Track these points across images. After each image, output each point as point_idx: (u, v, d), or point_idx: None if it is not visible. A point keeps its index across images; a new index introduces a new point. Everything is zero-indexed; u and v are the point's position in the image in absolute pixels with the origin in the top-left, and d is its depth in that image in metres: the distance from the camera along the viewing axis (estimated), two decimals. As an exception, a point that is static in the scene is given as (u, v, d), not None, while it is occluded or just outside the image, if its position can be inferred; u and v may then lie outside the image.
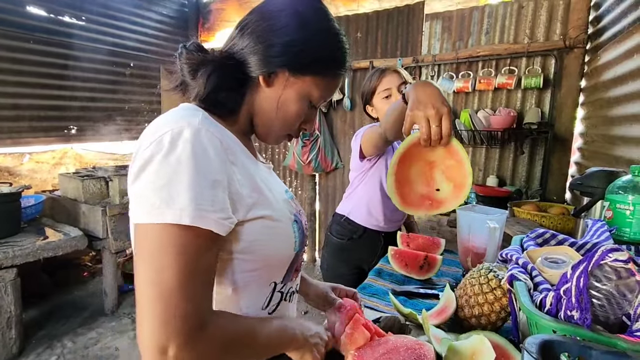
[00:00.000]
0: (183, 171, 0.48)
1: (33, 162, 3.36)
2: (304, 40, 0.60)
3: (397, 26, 3.22)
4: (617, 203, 0.93)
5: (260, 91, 0.63)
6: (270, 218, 0.59)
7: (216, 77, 0.59)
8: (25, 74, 3.17)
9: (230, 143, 0.57)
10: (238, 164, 0.56)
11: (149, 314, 0.45)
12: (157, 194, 0.47)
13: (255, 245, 0.58)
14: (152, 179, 0.48)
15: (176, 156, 0.48)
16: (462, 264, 1.28)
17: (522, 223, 1.61)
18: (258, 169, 0.64)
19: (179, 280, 0.46)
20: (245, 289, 0.60)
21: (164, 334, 0.45)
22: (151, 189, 0.48)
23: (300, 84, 0.62)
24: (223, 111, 0.62)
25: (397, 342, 0.69)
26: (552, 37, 2.58)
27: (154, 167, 0.49)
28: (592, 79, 2.23)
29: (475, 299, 0.85)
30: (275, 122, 0.65)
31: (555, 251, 0.81)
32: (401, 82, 1.38)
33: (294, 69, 0.61)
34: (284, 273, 0.65)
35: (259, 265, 0.60)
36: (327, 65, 0.63)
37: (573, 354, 0.50)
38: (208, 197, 0.49)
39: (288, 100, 0.62)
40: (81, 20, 3.52)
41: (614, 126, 1.76)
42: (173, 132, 0.50)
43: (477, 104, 2.91)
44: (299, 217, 0.68)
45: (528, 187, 2.72)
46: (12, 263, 2.03)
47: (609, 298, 0.56)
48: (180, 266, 0.46)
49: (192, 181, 0.48)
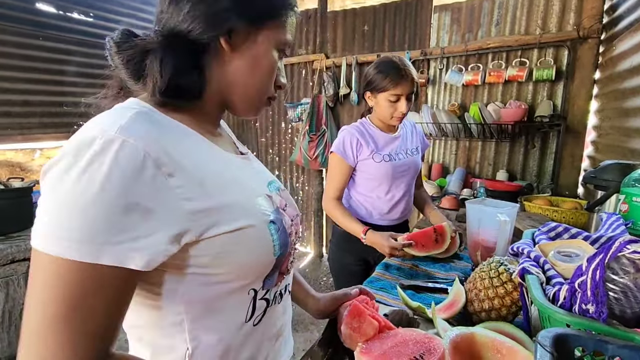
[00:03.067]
0: (79, 194, 0.38)
1: (44, 158, 3.41)
2: None
3: (405, 18, 3.18)
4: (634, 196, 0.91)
5: (225, 59, 0.54)
6: (234, 230, 0.49)
7: (169, 61, 0.48)
8: (35, 70, 3.21)
9: (169, 146, 0.45)
10: (178, 173, 0.44)
11: (21, 351, 0.38)
12: (48, 214, 0.39)
13: (222, 258, 0.49)
14: (46, 196, 0.40)
15: (75, 174, 0.38)
16: (471, 258, 1.26)
17: (533, 217, 1.58)
18: (225, 164, 0.55)
19: (57, 319, 0.38)
20: (219, 304, 0.52)
21: None
22: (43, 207, 0.39)
23: (263, 34, 0.54)
24: (188, 99, 0.53)
25: (406, 336, 0.68)
26: (565, 27, 2.51)
27: (50, 181, 0.40)
28: (607, 70, 2.17)
29: (486, 293, 0.83)
30: (252, 87, 0.57)
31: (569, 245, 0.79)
32: (412, 91, 1.36)
33: (252, 19, 0.53)
34: (263, 279, 0.56)
35: (230, 277, 0.51)
36: (280, 6, 0.55)
37: (588, 348, 0.49)
38: (116, 225, 0.39)
39: (258, 56, 0.55)
40: (89, 16, 3.55)
41: (629, 118, 1.72)
42: (80, 143, 0.40)
43: (487, 97, 2.86)
44: (280, 214, 0.58)
45: (539, 182, 2.67)
46: (25, 256, 2.07)
47: (625, 291, 0.54)
48: (61, 309, 0.38)
49: (94, 205, 0.38)
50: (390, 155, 1.45)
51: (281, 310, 0.64)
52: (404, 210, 1.54)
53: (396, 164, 1.45)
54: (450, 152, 3.12)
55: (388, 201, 1.49)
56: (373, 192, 1.48)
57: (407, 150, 1.51)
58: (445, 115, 2.80)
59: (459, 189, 2.72)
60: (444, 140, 3.12)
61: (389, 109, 1.38)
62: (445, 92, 3.06)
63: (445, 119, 2.79)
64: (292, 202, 0.67)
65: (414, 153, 1.53)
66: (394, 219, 1.53)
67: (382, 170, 1.44)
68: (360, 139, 1.42)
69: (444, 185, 2.87)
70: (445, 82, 2.98)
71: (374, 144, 1.44)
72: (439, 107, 3.06)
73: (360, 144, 1.42)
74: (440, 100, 3.10)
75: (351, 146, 1.42)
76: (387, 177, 1.45)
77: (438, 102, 3.11)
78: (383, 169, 1.43)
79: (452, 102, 3.01)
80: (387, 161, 1.44)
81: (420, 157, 1.58)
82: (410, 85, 1.35)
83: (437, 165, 3.11)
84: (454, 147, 3.09)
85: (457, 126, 2.80)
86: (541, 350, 0.47)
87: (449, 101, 3.04)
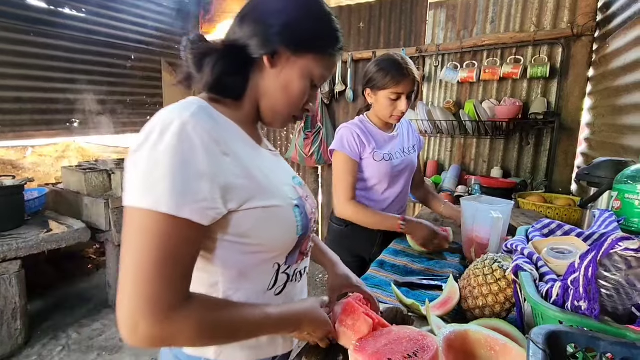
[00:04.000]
0: (167, 161, 0.50)
1: (36, 156, 3.37)
2: (300, 19, 0.64)
3: (401, 15, 3.17)
4: (626, 193, 0.91)
5: (265, 73, 0.65)
6: (267, 206, 0.61)
7: (221, 64, 0.62)
8: (26, 66, 3.16)
9: (223, 134, 0.58)
10: (231, 154, 0.57)
11: (125, 291, 0.49)
12: (141, 179, 0.50)
13: (254, 231, 0.60)
14: (138, 166, 0.51)
15: (162, 146, 0.50)
16: (465, 255, 1.27)
17: (527, 214, 1.59)
18: (260, 156, 0.67)
19: (152, 264, 0.49)
20: (249, 271, 0.63)
21: (136, 311, 0.48)
22: (136, 175, 0.51)
23: (301, 62, 0.65)
24: (230, 98, 0.65)
25: (400, 333, 0.68)
26: (559, 25, 2.52)
27: (141, 155, 0.51)
28: (600, 67, 2.18)
29: (480, 290, 0.83)
30: (280, 103, 0.67)
31: (562, 242, 0.80)
32: (412, 90, 1.35)
33: (294, 47, 0.63)
34: (286, 255, 0.67)
35: (260, 248, 0.63)
36: (324, 43, 0.66)
37: (580, 345, 0.49)
38: (190, 188, 0.51)
39: (292, 79, 0.65)
40: (81, 12, 3.50)
41: (622, 115, 1.73)
42: (164, 124, 0.52)
43: (482, 94, 2.86)
44: (303, 202, 0.70)
45: (533, 179, 2.69)
46: (16, 255, 2.04)
47: (617, 288, 0.55)
48: (154, 251, 0.49)
49: (173, 172, 0.50)
50: (389, 155, 1.44)
51: (299, 289, 0.75)
52: (399, 209, 1.54)
53: (394, 163, 1.44)
54: (445, 150, 3.13)
55: (385, 199, 1.48)
56: (370, 191, 1.48)
57: (404, 149, 1.51)
58: (440, 113, 2.80)
59: (454, 186, 2.73)
60: (439, 138, 3.12)
61: (388, 107, 1.36)
62: (440, 90, 3.07)
63: (441, 116, 2.79)
64: (312, 196, 0.78)
65: (410, 152, 1.53)
66: None
67: (382, 169, 1.43)
68: (361, 136, 1.40)
69: (439, 182, 2.88)
70: (441, 80, 2.98)
71: (374, 142, 1.43)
72: (435, 104, 3.07)
73: (362, 141, 1.40)
74: (436, 97, 3.10)
75: (354, 142, 1.40)
76: (385, 176, 1.44)
77: (433, 100, 3.12)
78: (382, 168, 1.43)
79: (447, 99, 3.01)
80: (386, 160, 1.43)
81: (417, 155, 1.58)
82: (411, 84, 1.33)
83: (432, 162, 3.11)
84: (449, 144, 3.10)
85: (452, 123, 2.80)
86: (534, 347, 0.47)
87: (444, 98, 3.04)
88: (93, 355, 2.12)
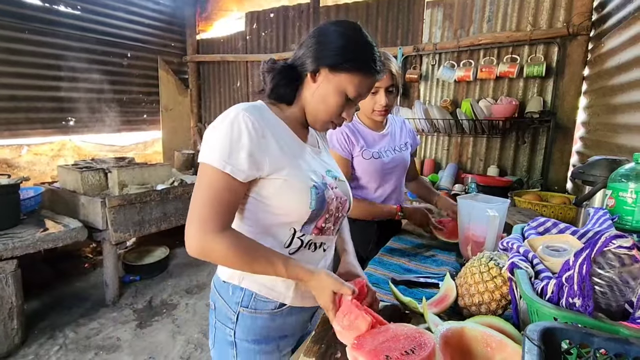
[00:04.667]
0: (222, 136, 0.74)
1: (31, 154, 3.34)
2: (341, 46, 0.80)
3: (398, 14, 3.18)
4: (620, 191, 0.92)
5: (309, 86, 0.84)
6: (286, 179, 0.79)
7: (277, 78, 0.84)
8: (21, 64, 3.13)
9: (265, 124, 0.78)
10: (268, 137, 0.78)
11: (190, 215, 0.74)
12: (208, 145, 0.75)
13: (274, 195, 0.80)
14: (208, 137, 0.76)
15: (223, 126, 0.75)
16: (462, 252, 1.28)
17: (523, 212, 1.60)
18: (300, 148, 0.87)
19: (205, 198, 0.74)
20: (270, 228, 0.83)
21: (191, 229, 0.73)
22: (207, 143, 0.76)
23: (337, 79, 0.80)
24: (283, 103, 0.87)
25: (398, 331, 0.69)
26: (555, 24, 2.54)
27: (211, 131, 0.76)
28: (596, 66, 2.20)
29: (476, 288, 0.84)
30: (319, 111, 0.84)
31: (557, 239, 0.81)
32: (391, 84, 1.34)
33: (332, 67, 0.80)
34: (302, 224, 0.83)
35: (278, 211, 0.81)
36: (358, 65, 0.80)
37: (575, 341, 0.50)
38: (232, 154, 0.73)
39: (328, 93, 0.82)
40: (77, 9, 3.47)
41: (617, 114, 1.74)
42: (227, 114, 0.76)
43: (478, 93, 2.88)
44: (326, 187, 0.84)
45: (529, 177, 2.71)
46: (12, 254, 2.03)
47: (611, 285, 0.56)
48: (208, 191, 0.74)
49: (224, 142, 0.73)
50: (379, 153, 1.45)
51: (315, 261, 0.90)
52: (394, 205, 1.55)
53: (385, 161, 1.45)
54: (442, 148, 3.14)
55: (378, 197, 1.49)
56: (362, 189, 1.49)
57: (396, 147, 1.51)
58: (437, 111, 2.81)
59: (451, 184, 2.74)
60: (436, 136, 3.13)
61: (369, 101, 1.37)
62: (437, 88, 3.08)
63: (438, 115, 2.80)
64: (345, 189, 0.93)
65: (402, 149, 1.53)
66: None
67: (372, 167, 1.44)
68: (350, 135, 1.42)
69: (436, 180, 2.89)
70: (438, 78, 2.99)
71: (363, 141, 1.44)
72: (432, 103, 3.08)
73: (350, 140, 1.42)
74: (433, 96, 3.11)
75: (344, 140, 1.41)
76: (376, 174, 1.46)
77: (430, 98, 3.12)
78: (372, 166, 1.44)
79: (444, 98, 3.02)
80: (376, 158, 1.44)
81: (410, 152, 1.58)
82: (388, 78, 1.32)
83: (429, 160, 3.12)
84: (445, 142, 3.11)
85: (449, 122, 2.81)
86: (529, 343, 0.47)
87: (441, 97, 3.05)
88: (90, 354, 2.12)
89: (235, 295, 0.86)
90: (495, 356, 0.64)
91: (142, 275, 3.04)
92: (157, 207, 2.87)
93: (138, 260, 3.12)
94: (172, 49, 4.50)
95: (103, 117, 3.74)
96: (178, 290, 2.90)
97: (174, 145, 4.46)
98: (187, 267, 3.31)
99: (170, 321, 2.48)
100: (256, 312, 0.86)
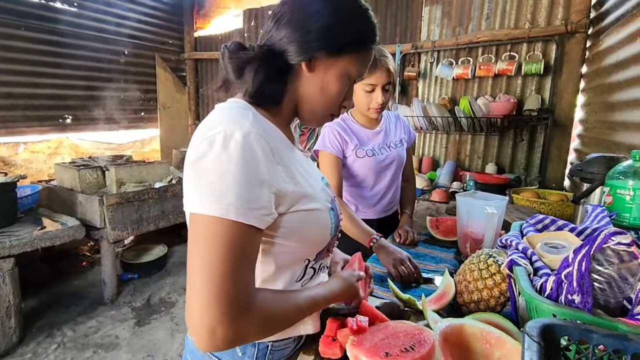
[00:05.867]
0: (233, 170, 0.52)
1: (28, 152, 3.32)
2: (336, 23, 0.63)
3: (396, 11, 3.17)
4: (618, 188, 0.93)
5: (303, 77, 0.66)
6: (309, 209, 0.65)
7: (262, 72, 0.63)
8: (17, 61, 3.11)
9: (275, 143, 0.60)
10: (282, 163, 0.61)
11: (199, 297, 0.50)
12: (208, 188, 0.52)
13: (295, 232, 0.64)
14: (204, 174, 0.53)
15: (227, 156, 0.53)
16: (461, 250, 1.28)
17: (521, 210, 1.60)
18: (296, 158, 0.69)
19: (225, 267, 0.51)
20: (284, 267, 0.68)
21: (213, 315, 0.49)
22: (203, 183, 0.53)
23: (339, 64, 0.65)
24: (270, 103, 0.67)
25: (397, 328, 0.69)
26: (553, 21, 2.54)
27: (206, 163, 0.53)
28: (594, 64, 2.20)
29: (475, 285, 0.84)
30: (319, 105, 0.69)
31: (555, 236, 0.81)
32: (388, 81, 1.33)
33: (331, 51, 0.64)
34: (316, 253, 0.71)
35: (297, 248, 0.67)
36: (360, 42, 0.67)
37: (574, 337, 0.50)
38: (253, 196, 0.53)
39: (330, 82, 0.66)
40: (73, 6, 3.44)
41: (615, 112, 1.75)
42: (226, 134, 0.54)
43: (476, 90, 2.88)
44: (334, 203, 0.74)
45: (527, 175, 2.71)
46: (10, 253, 2.02)
47: (610, 282, 0.56)
48: (226, 255, 0.51)
49: (240, 180, 0.52)
50: (373, 150, 1.45)
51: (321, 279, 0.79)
52: (390, 202, 1.55)
53: (379, 159, 1.45)
54: (440, 146, 3.14)
55: (375, 194, 1.49)
56: (358, 187, 1.49)
57: (391, 144, 1.51)
58: (435, 109, 2.81)
59: (449, 182, 2.75)
60: (434, 134, 3.14)
61: (364, 99, 1.36)
62: (436, 86, 3.08)
63: (436, 113, 2.80)
64: (335, 195, 0.80)
65: (397, 145, 1.52)
66: (382, 212, 1.54)
67: (366, 165, 1.43)
68: (342, 134, 1.41)
69: (434, 178, 2.90)
70: (436, 76, 2.99)
71: (357, 139, 1.43)
72: (430, 100, 3.08)
73: (343, 139, 1.41)
74: (431, 93, 3.11)
75: (336, 140, 1.41)
76: (371, 172, 1.45)
77: (429, 96, 3.12)
78: (367, 164, 1.43)
79: (442, 95, 3.02)
80: (370, 156, 1.43)
81: (406, 148, 1.58)
82: (385, 75, 1.31)
83: (428, 158, 3.13)
84: (444, 140, 3.11)
85: (447, 120, 2.81)
86: (528, 340, 0.48)
87: (440, 95, 3.05)
88: (88, 352, 2.11)
89: (247, 355, 0.70)
90: (494, 353, 0.64)
91: (140, 274, 3.04)
92: (155, 205, 2.86)
93: (136, 259, 3.12)
94: (170, 47, 4.48)
95: (100, 115, 3.72)
96: (176, 288, 2.90)
97: (171, 143, 4.45)
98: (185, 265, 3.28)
99: (168, 319, 2.48)
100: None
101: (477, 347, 0.67)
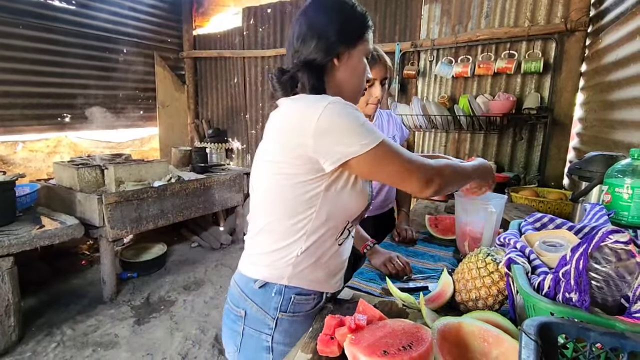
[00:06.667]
0: (356, 115, 0.74)
1: (27, 151, 3.32)
2: (343, 23, 0.84)
3: (396, 10, 3.16)
4: (616, 187, 0.92)
5: (336, 69, 0.86)
6: None
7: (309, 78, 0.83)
8: (16, 60, 3.10)
9: None
10: None
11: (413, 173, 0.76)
12: (359, 131, 0.73)
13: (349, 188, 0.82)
14: (350, 126, 0.73)
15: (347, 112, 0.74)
16: (459, 248, 1.28)
17: (520, 208, 1.60)
18: None
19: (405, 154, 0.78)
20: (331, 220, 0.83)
21: (427, 174, 0.77)
22: (356, 131, 0.73)
23: (357, 49, 0.87)
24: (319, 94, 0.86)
25: (395, 326, 0.69)
26: (553, 20, 2.53)
27: (344, 120, 0.73)
28: (593, 62, 2.20)
29: (473, 283, 0.84)
30: (355, 83, 0.89)
31: (554, 235, 0.81)
32: (385, 76, 1.37)
33: (349, 44, 0.85)
34: (355, 217, 0.87)
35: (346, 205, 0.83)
36: (363, 29, 0.87)
37: (571, 335, 0.50)
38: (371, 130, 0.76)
39: (356, 64, 0.88)
40: (72, 4, 3.43)
41: (614, 110, 1.75)
42: (334, 102, 0.74)
43: (476, 89, 2.87)
44: None
45: (526, 173, 2.71)
46: (8, 252, 2.02)
47: (607, 280, 0.56)
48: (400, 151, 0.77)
49: (362, 120, 0.74)
50: None
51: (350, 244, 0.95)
52: (384, 200, 1.55)
53: None
54: (439, 144, 3.14)
55: None
56: None
57: None
58: (435, 107, 2.81)
59: (448, 180, 2.74)
60: (433, 132, 3.13)
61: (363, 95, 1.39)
62: (435, 84, 3.07)
63: (435, 111, 2.80)
64: None
65: None
66: (377, 209, 1.54)
67: None
68: None
69: (434, 177, 2.89)
70: (436, 74, 2.98)
71: None
72: (429, 99, 3.07)
73: None
74: (431, 92, 3.10)
75: None
76: None
77: (428, 94, 3.12)
78: None
79: (442, 94, 3.02)
80: None
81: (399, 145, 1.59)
82: (383, 70, 1.35)
83: (427, 157, 3.12)
84: (443, 139, 3.11)
85: (446, 118, 2.81)
86: (526, 338, 0.48)
87: (439, 93, 3.05)
88: (88, 351, 2.11)
89: (274, 300, 0.84)
90: (492, 351, 0.65)
91: (140, 272, 3.04)
92: (154, 204, 2.86)
93: (135, 257, 3.12)
94: (169, 45, 4.46)
95: (99, 114, 3.71)
96: (176, 286, 2.90)
97: (170, 141, 4.44)
98: (184, 263, 3.31)
99: (168, 318, 2.48)
100: (294, 316, 0.86)
101: (475, 345, 0.67)
